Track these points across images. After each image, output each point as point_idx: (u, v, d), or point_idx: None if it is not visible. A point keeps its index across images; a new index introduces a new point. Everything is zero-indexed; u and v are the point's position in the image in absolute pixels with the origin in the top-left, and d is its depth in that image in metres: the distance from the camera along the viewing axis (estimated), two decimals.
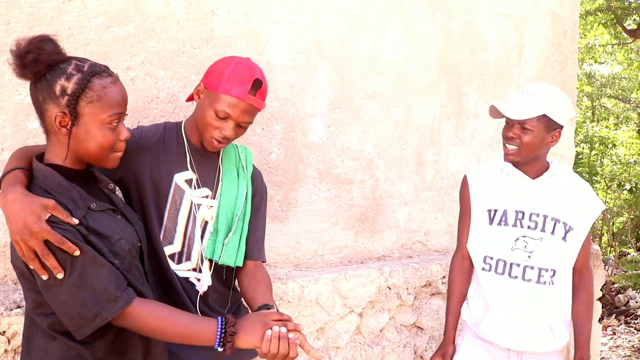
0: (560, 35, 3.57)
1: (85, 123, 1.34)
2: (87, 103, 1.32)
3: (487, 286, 2.05)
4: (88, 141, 1.36)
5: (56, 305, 1.29)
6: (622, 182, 8.26)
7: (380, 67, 2.70)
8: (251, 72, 1.65)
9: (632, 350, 5.43)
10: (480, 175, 2.15)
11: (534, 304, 2.00)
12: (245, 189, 1.79)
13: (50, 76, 1.31)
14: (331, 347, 2.49)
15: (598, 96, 10.94)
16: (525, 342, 2.02)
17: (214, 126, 1.64)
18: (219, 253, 1.72)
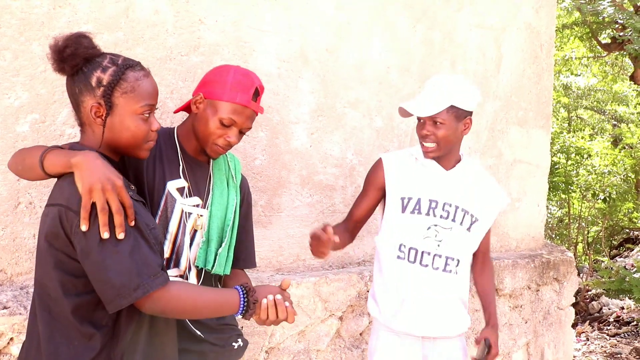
0: (537, 48, 3.69)
1: (119, 113, 1.40)
2: (121, 94, 1.39)
3: (401, 275, 2.06)
4: (122, 131, 1.41)
5: (99, 272, 1.29)
6: (596, 192, 8.43)
7: (363, 76, 2.77)
8: (251, 78, 1.72)
9: (604, 355, 5.56)
10: (395, 162, 2.12)
11: (443, 291, 2.07)
12: (235, 198, 1.81)
13: (87, 69, 1.38)
14: (312, 350, 2.53)
15: (574, 107, 11.16)
16: (438, 328, 2.09)
17: (218, 134, 1.68)
18: (211, 262, 1.74)
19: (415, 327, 2.07)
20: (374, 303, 2.15)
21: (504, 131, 3.49)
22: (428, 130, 1.98)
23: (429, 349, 2.12)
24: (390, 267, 2.09)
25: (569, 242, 9.01)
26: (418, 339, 2.10)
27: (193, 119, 1.74)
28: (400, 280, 2.06)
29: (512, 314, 3.42)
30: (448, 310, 2.11)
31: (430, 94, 1.98)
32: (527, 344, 3.56)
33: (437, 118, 1.96)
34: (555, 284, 3.70)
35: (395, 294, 2.07)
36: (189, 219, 1.71)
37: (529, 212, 3.73)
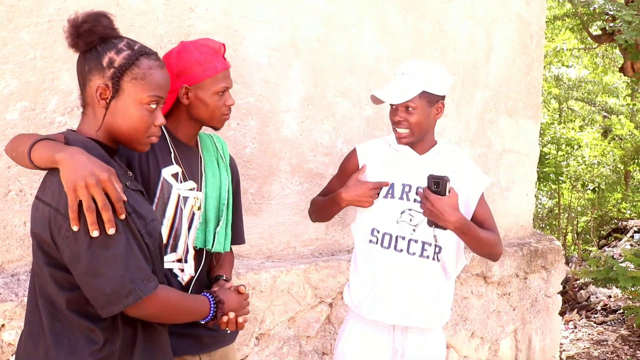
0: (527, 39, 3.71)
1: (125, 99, 1.34)
2: (130, 79, 1.34)
3: (373, 260, 2.02)
4: (124, 119, 1.36)
5: (89, 278, 1.24)
6: (585, 183, 8.51)
7: (353, 65, 2.78)
8: (212, 43, 1.79)
9: (591, 342, 5.64)
10: (369, 150, 2.12)
11: (418, 278, 2.00)
12: (227, 177, 1.87)
13: (100, 48, 1.33)
14: (302, 336, 2.57)
15: (565, 99, 11.23)
16: (409, 317, 2.01)
17: (220, 106, 1.76)
18: (211, 242, 1.78)
19: (385, 314, 2.00)
20: (348, 290, 2.12)
21: (494, 121, 3.52)
22: (400, 116, 1.97)
23: (399, 342, 2.04)
24: (362, 252, 2.07)
25: (558, 232, 9.10)
26: (388, 328, 2.03)
27: (187, 110, 1.77)
28: (372, 265, 2.02)
29: (500, 302, 3.47)
30: (423, 299, 2.02)
31: (402, 80, 1.96)
32: (515, 331, 3.61)
33: (410, 104, 1.94)
34: (543, 272, 3.75)
35: (367, 280, 2.04)
36: (186, 203, 1.75)
37: (518, 201, 3.77)
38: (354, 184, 2.02)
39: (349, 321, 2.12)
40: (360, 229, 2.10)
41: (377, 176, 2.05)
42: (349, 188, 2.02)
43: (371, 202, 2.01)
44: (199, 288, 1.81)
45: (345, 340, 2.09)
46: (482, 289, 3.34)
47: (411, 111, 1.95)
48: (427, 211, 1.88)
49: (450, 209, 1.85)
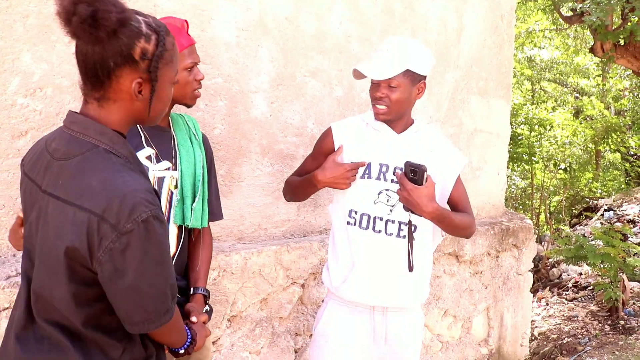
0: (498, 19, 3.72)
1: (160, 86, 1.23)
2: (164, 65, 1.21)
3: (351, 241, 2.00)
4: (158, 103, 1.25)
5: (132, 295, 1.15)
6: (557, 162, 8.63)
7: (323, 45, 2.76)
8: (174, 20, 1.78)
9: (562, 319, 5.76)
10: (344, 129, 2.06)
11: (396, 258, 1.97)
12: (200, 154, 1.88)
13: (124, 36, 1.13)
14: (274, 317, 2.57)
15: (538, 80, 11.35)
16: (388, 297, 2.00)
17: (190, 81, 1.78)
18: (189, 218, 1.81)
19: (365, 295, 1.99)
20: (327, 272, 2.09)
21: (465, 101, 3.53)
22: (382, 92, 1.92)
23: (379, 322, 2.03)
24: (340, 234, 2.03)
25: (532, 211, 9.24)
26: (368, 309, 2.02)
27: None
28: (350, 247, 2.00)
29: (472, 280, 3.51)
30: (401, 279, 1.99)
31: (386, 56, 1.92)
32: (487, 309, 3.66)
33: (393, 81, 1.90)
34: (514, 250, 3.80)
35: (345, 261, 2.01)
36: (163, 183, 1.77)
37: (490, 181, 3.80)
38: (330, 166, 1.97)
39: (328, 303, 2.09)
40: (337, 210, 2.07)
41: (354, 155, 2.00)
42: (325, 170, 1.98)
43: (348, 184, 1.98)
44: (179, 266, 1.84)
45: (325, 322, 2.07)
46: (454, 267, 3.37)
47: (393, 88, 1.92)
48: (404, 199, 1.87)
49: (426, 200, 1.83)
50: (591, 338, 5.23)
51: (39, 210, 1.20)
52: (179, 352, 1.45)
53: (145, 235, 1.13)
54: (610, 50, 6.26)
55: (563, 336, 5.43)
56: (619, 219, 8.40)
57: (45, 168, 1.21)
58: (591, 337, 5.25)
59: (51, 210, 1.16)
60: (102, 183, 1.13)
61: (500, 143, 3.87)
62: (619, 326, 5.28)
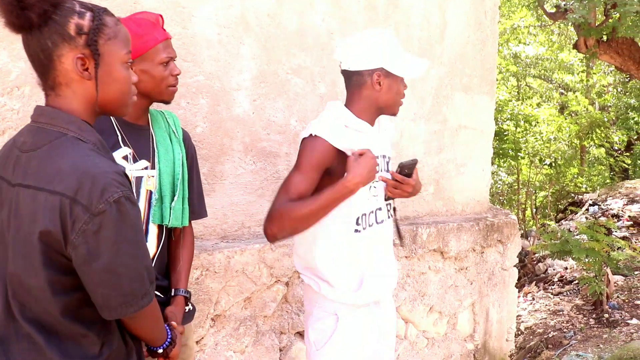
0: (481, 15, 3.73)
1: (106, 63, 1.21)
2: (105, 41, 1.20)
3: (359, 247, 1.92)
4: (110, 84, 1.23)
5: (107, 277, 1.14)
6: (543, 158, 8.68)
7: (306, 42, 2.75)
8: (149, 15, 1.76)
9: (548, 313, 5.80)
10: (338, 137, 1.85)
11: (388, 242, 2.03)
12: (180, 152, 1.85)
13: (58, 17, 1.15)
14: (259, 316, 2.55)
15: (523, 76, 11.40)
16: (389, 285, 2.04)
17: (166, 76, 1.75)
18: (167, 217, 1.79)
19: (376, 293, 1.97)
20: (328, 287, 1.92)
21: (449, 97, 3.53)
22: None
23: (380, 315, 2.03)
24: (343, 246, 1.91)
25: (518, 207, 9.30)
26: (372, 305, 1.99)
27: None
28: (358, 254, 1.92)
29: (457, 276, 3.52)
30: (393, 261, 2.06)
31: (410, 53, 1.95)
32: (473, 304, 3.68)
33: None
34: (499, 246, 3.82)
35: (355, 271, 1.93)
36: (141, 184, 1.74)
37: (474, 177, 3.81)
38: (358, 163, 1.77)
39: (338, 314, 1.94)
40: (340, 221, 1.89)
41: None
42: (356, 169, 1.75)
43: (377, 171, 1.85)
44: (160, 265, 1.82)
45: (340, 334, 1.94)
46: (439, 264, 3.38)
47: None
48: (407, 194, 1.96)
49: (419, 183, 2.03)
50: (576, 332, 5.27)
51: (9, 204, 1.20)
52: (157, 352, 1.44)
53: (118, 216, 1.13)
54: (593, 46, 6.30)
55: (549, 330, 5.47)
56: (604, 213, 8.47)
57: (15, 163, 1.21)
58: (576, 330, 5.30)
59: (22, 200, 1.16)
60: (72, 166, 1.13)
61: (484, 139, 3.88)
62: (604, 319, 5.33)
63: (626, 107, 11.28)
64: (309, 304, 2.02)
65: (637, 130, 11.80)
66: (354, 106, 1.92)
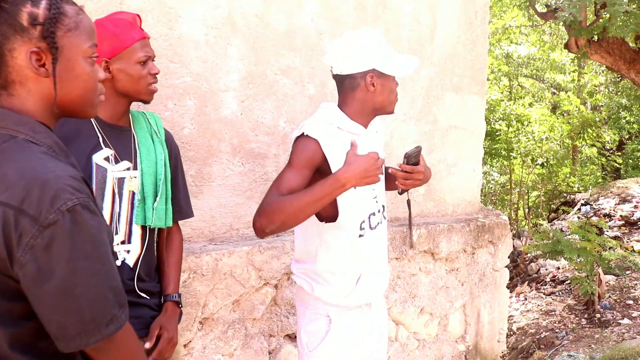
0: (472, 15, 3.72)
1: (66, 58, 1.07)
2: (65, 32, 1.05)
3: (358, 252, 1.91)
4: (72, 81, 1.08)
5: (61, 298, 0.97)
6: (535, 158, 8.69)
7: (294, 42, 2.73)
8: (125, 15, 1.76)
9: (540, 313, 5.81)
10: (329, 139, 1.84)
11: (382, 245, 2.03)
12: (162, 152, 1.84)
13: (8, 5, 1.02)
14: (247, 319, 2.53)
15: (515, 76, 11.42)
16: (383, 287, 2.06)
17: (144, 75, 1.73)
18: (150, 218, 1.77)
19: (371, 294, 1.98)
20: (324, 289, 1.91)
21: (439, 97, 3.52)
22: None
23: (372, 316, 2.04)
24: (346, 251, 1.90)
25: (510, 207, 9.30)
26: (366, 307, 2.00)
27: (112, 85, 1.73)
28: (356, 258, 1.92)
29: (448, 277, 3.51)
30: (386, 263, 2.07)
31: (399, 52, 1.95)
32: (464, 306, 3.66)
33: None
34: (490, 247, 3.81)
35: (351, 275, 1.92)
36: (123, 184, 1.74)
37: (465, 177, 3.80)
38: (355, 159, 1.72)
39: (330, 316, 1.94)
40: (345, 226, 1.88)
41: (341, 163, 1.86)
42: (351, 164, 1.70)
43: (379, 174, 1.77)
44: (147, 268, 1.81)
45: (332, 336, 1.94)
46: (430, 265, 3.36)
47: None
48: (419, 182, 1.95)
49: (428, 169, 2.01)
50: (568, 332, 5.27)
51: None
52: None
53: (73, 227, 0.97)
54: (584, 46, 6.31)
55: (541, 330, 5.47)
56: (596, 213, 8.49)
57: None
58: (568, 331, 5.30)
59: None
60: (20, 172, 0.98)
61: (475, 139, 3.87)
62: (595, 319, 5.33)
63: (618, 107, 11.32)
64: (302, 306, 2.01)
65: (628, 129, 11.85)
66: (348, 108, 1.91)
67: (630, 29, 5.22)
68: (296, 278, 2.01)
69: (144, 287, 1.79)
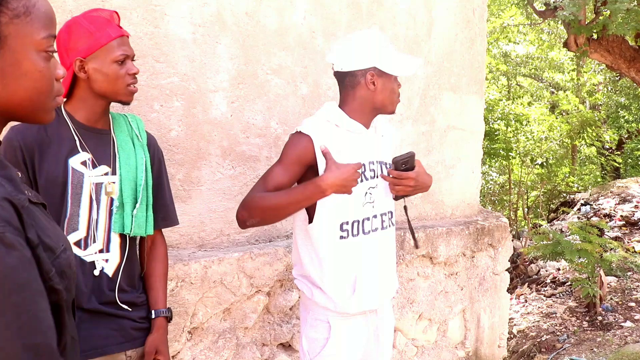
0: (470, 13, 3.63)
1: (11, 49, 0.87)
2: (10, 19, 0.87)
3: (347, 254, 1.86)
4: (18, 79, 0.88)
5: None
6: (534, 158, 8.62)
7: (286, 41, 2.63)
8: (102, 11, 1.67)
9: (541, 315, 5.72)
10: (323, 136, 1.83)
11: (385, 252, 1.96)
12: (143, 157, 1.76)
13: None
14: (239, 328, 2.44)
15: (513, 75, 11.35)
16: (387, 294, 1.99)
17: (122, 75, 1.64)
18: (129, 226, 1.69)
19: (371, 301, 1.92)
20: (322, 295, 1.88)
21: (437, 97, 3.43)
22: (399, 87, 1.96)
23: (376, 323, 1.99)
24: (330, 252, 1.86)
25: (509, 207, 9.22)
26: (368, 313, 1.95)
27: (88, 86, 1.65)
28: (347, 260, 1.87)
29: (447, 282, 3.42)
30: (392, 270, 2.01)
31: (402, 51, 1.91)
32: (463, 311, 3.57)
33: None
34: (490, 250, 3.72)
35: (345, 278, 1.87)
36: (101, 190, 1.66)
37: (464, 179, 3.72)
38: (337, 167, 1.73)
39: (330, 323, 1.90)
40: (323, 227, 1.85)
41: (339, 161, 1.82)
42: (332, 171, 1.72)
43: (355, 185, 1.78)
44: (128, 278, 1.73)
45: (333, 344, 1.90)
46: (428, 270, 3.27)
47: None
48: (411, 188, 1.90)
49: (427, 176, 1.97)
50: (569, 335, 5.19)
51: None
52: None
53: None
54: (584, 44, 6.23)
55: (542, 333, 5.39)
56: (596, 213, 8.42)
57: None
58: (569, 334, 5.22)
59: None
60: None
61: (474, 140, 3.79)
62: (597, 322, 5.25)
63: (616, 106, 11.26)
64: (304, 310, 1.99)
65: (627, 128, 11.78)
66: (347, 107, 1.91)
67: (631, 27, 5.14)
68: (297, 282, 1.98)
69: (126, 298, 1.71)
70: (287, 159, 1.84)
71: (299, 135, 1.84)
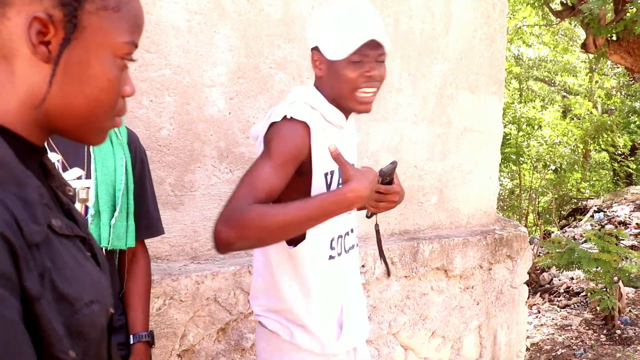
0: (490, 7, 3.38)
1: (86, 44, 0.70)
2: (97, 8, 0.70)
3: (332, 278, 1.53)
4: (83, 82, 0.71)
5: None
6: (547, 163, 8.37)
7: (292, 32, 2.39)
8: None
9: (555, 328, 5.47)
10: (317, 126, 1.43)
11: (357, 271, 1.65)
12: (123, 158, 1.53)
13: None
14: (235, 350, 2.19)
15: (526, 78, 11.09)
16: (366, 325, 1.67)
17: None
18: (106, 238, 1.46)
19: (357, 337, 1.60)
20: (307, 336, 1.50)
21: (454, 97, 3.18)
22: (376, 70, 1.42)
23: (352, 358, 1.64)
24: (321, 275, 1.50)
25: (519, 213, 8.96)
26: (349, 352, 1.61)
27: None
28: (332, 286, 1.52)
29: (462, 296, 3.16)
30: (363, 298, 1.68)
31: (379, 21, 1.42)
32: (479, 327, 3.32)
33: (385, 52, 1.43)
34: (508, 262, 3.46)
35: (332, 307, 1.53)
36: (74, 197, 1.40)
37: (481, 185, 3.46)
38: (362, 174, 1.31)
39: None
40: (312, 247, 1.47)
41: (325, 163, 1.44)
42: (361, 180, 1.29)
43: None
44: None
45: None
46: (442, 283, 3.02)
47: (382, 63, 1.45)
48: (393, 204, 1.51)
49: (403, 191, 1.58)
50: (586, 349, 4.94)
51: None
52: None
53: None
54: (603, 45, 5.98)
55: (557, 347, 5.13)
56: (610, 220, 8.16)
57: None
58: (586, 348, 4.96)
59: None
60: None
61: (492, 143, 3.53)
62: (616, 336, 5.00)
63: (628, 111, 10.99)
64: (270, 357, 1.54)
65: None
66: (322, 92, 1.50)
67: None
68: (265, 320, 1.55)
69: None
70: (280, 155, 1.35)
71: (291, 123, 1.38)
